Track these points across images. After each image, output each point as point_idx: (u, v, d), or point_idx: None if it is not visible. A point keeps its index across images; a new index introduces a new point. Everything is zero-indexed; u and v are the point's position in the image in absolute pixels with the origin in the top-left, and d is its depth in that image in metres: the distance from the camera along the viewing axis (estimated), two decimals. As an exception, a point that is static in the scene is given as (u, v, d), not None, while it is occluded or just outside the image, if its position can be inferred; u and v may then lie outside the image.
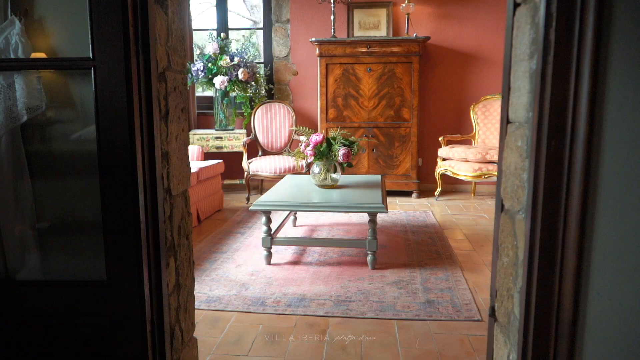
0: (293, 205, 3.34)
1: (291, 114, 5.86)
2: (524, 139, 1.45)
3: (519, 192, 1.50)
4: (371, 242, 3.29)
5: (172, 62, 1.61)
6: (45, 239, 1.64)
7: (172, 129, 1.62)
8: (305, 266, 3.42)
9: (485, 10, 5.74)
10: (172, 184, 1.64)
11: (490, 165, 5.15)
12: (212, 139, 5.71)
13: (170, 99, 1.59)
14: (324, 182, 3.72)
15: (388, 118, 5.60)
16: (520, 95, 1.49)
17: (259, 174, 5.36)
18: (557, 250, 1.36)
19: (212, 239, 4.08)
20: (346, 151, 3.63)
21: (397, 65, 5.49)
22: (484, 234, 4.25)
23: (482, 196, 5.85)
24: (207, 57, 5.56)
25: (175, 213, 1.68)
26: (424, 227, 4.43)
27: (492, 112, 5.62)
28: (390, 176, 5.68)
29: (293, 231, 4.30)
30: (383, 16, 5.88)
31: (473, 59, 5.85)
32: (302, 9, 6.01)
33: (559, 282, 1.38)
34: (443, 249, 3.79)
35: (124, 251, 1.48)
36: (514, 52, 1.58)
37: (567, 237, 1.34)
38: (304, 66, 6.11)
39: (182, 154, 1.72)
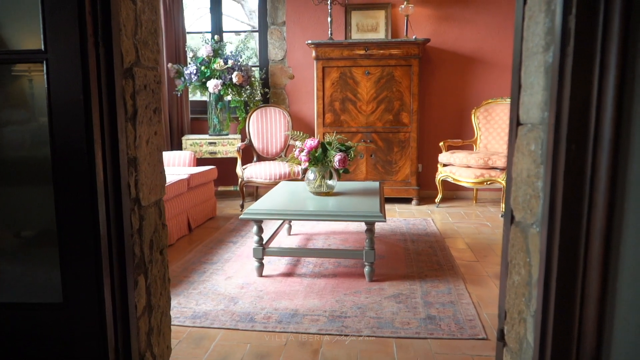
0: (286, 214, 3.17)
1: (287, 118, 5.69)
2: (538, 143, 1.28)
3: (532, 202, 1.33)
4: (368, 252, 3.11)
5: (141, 57, 1.43)
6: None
7: (142, 132, 1.45)
8: (298, 278, 3.24)
9: (487, 12, 5.58)
10: (142, 194, 1.46)
11: (493, 172, 4.97)
12: (206, 145, 5.54)
13: (139, 98, 1.42)
14: (319, 189, 3.55)
15: (387, 122, 5.43)
16: (534, 93, 1.31)
17: (253, 181, 5.19)
18: (578, 270, 1.18)
19: (202, 249, 3.90)
20: (342, 157, 3.45)
21: (396, 68, 5.33)
22: (487, 243, 4.07)
23: (484, 203, 5.67)
24: (201, 60, 5.39)
25: (146, 225, 1.50)
26: (424, 236, 4.24)
27: (494, 117, 5.45)
28: (389, 182, 5.50)
29: (287, 240, 4.12)
30: (381, 18, 5.72)
31: (474, 62, 5.68)
32: (298, 11, 5.86)
33: (580, 307, 1.20)
34: (444, 260, 3.60)
35: (83, 269, 1.30)
36: (525, 45, 1.41)
37: (590, 255, 1.16)
38: (301, 69, 5.94)
39: (155, 159, 1.55)
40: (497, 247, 3.95)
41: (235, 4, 9.72)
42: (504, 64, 5.63)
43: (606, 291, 1.15)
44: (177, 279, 3.22)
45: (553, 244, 1.20)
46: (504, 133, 5.34)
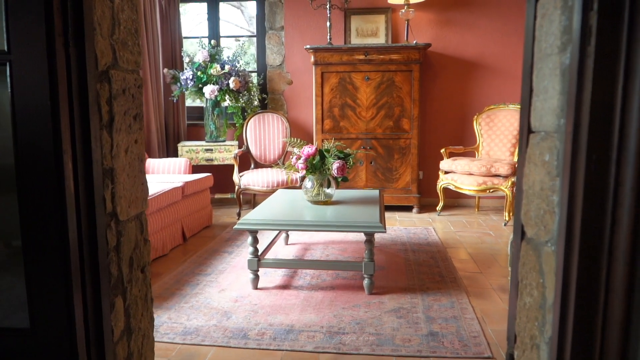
0: (282, 224, 3.04)
1: (285, 124, 5.58)
2: (553, 152, 1.16)
3: (546, 218, 1.21)
4: (368, 264, 2.98)
5: (119, 59, 1.32)
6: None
7: (120, 140, 1.33)
8: (295, 291, 3.11)
9: (489, 17, 5.48)
10: (120, 207, 1.34)
11: (496, 179, 4.85)
12: (202, 151, 5.42)
13: (116, 103, 1.30)
14: (316, 197, 3.43)
15: (387, 129, 5.31)
16: (548, 98, 1.20)
17: (250, 188, 5.07)
18: (599, 295, 1.06)
19: (196, 259, 3.78)
20: (341, 164, 3.33)
21: (397, 74, 5.22)
22: (490, 254, 3.94)
23: (486, 211, 5.55)
24: (197, 66, 5.29)
25: (124, 242, 1.38)
26: (426, 246, 4.12)
27: (496, 123, 5.33)
28: (389, 190, 5.38)
29: (284, 250, 4.00)
30: (381, 23, 5.62)
31: (476, 67, 5.58)
32: (296, 16, 5.76)
33: (602, 335, 1.08)
34: (446, 271, 3.48)
35: (51, 291, 1.18)
36: (537, 45, 1.29)
37: (613, 277, 1.04)
38: (299, 75, 5.84)
39: (135, 170, 1.43)
40: (501, 258, 3.82)
41: (234, 9, 9.63)
42: (507, 69, 5.52)
43: (630, 319, 1.03)
44: (169, 292, 3.09)
45: (571, 265, 1.08)
46: (507, 140, 5.22)
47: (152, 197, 3.59)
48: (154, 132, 5.26)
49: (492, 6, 5.46)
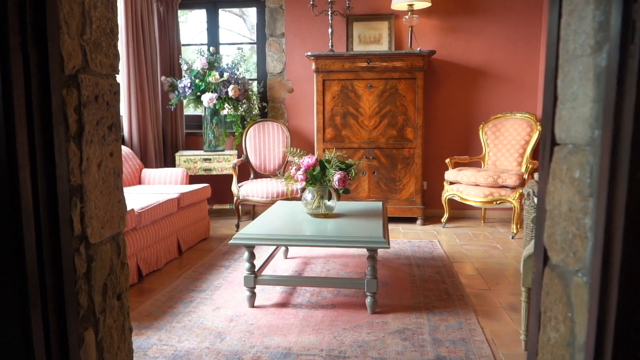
0: (280, 239, 2.88)
1: (286, 133, 5.43)
2: (585, 168, 1.00)
3: (576, 244, 1.05)
4: (370, 282, 2.82)
5: (91, 62, 1.17)
6: None
7: (91, 153, 1.18)
8: (294, 309, 2.95)
9: (495, 23, 5.34)
10: (92, 229, 1.19)
11: (503, 190, 4.69)
12: (200, 161, 5.28)
13: (86, 111, 1.15)
14: (317, 210, 3.27)
15: (390, 138, 5.16)
16: (577, 105, 1.04)
17: (249, 199, 4.92)
18: (643, 338, 0.91)
19: (191, 274, 3.62)
20: (342, 176, 3.18)
21: (400, 82, 5.08)
22: (499, 269, 3.77)
23: (492, 223, 5.39)
24: (195, 73, 5.16)
25: (96, 267, 1.23)
26: (431, 260, 3.96)
27: (503, 132, 5.18)
28: (392, 201, 5.22)
29: (283, 264, 3.83)
30: (384, 29, 5.48)
31: (482, 75, 5.43)
32: (297, 22, 5.63)
33: (645, 384, 0.92)
34: (453, 288, 3.31)
35: (7, 327, 1.02)
36: (563, 46, 1.14)
37: (660, 318, 0.89)
38: (300, 83, 5.70)
39: (110, 186, 1.28)
40: (510, 274, 3.65)
41: (237, 18, 9.53)
42: (514, 77, 5.37)
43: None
44: (160, 310, 2.93)
45: (608, 301, 0.92)
46: (514, 150, 5.06)
47: (146, 210, 3.44)
48: (151, 141, 5.12)
49: (499, 12, 5.33)
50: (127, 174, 4.49)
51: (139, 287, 3.37)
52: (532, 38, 5.31)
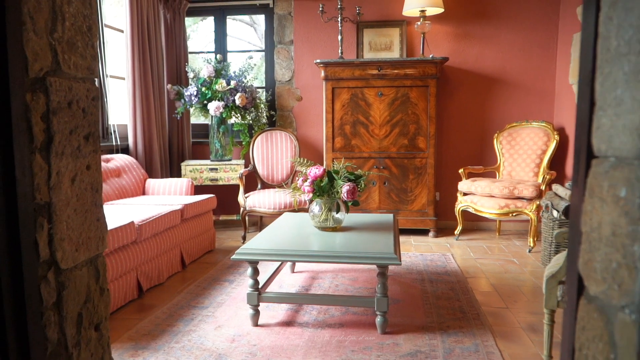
0: (285, 254, 2.73)
1: (294, 143, 5.30)
2: (634, 186, 0.85)
3: (621, 274, 0.89)
4: (381, 300, 2.66)
5: (63, 64, 1.04)
6: None
7: (62, 167, 1.04)
8: (299, 328, 2.79)
9: (510, 29, 5.18)
10: (63, 253, 1.05)
11: (519, 202, 4.51)
12: (207, 171, 5.15)
13: (56, 119, 1.02)
14: (324, 223, 3.12)
15: (402, 147, 5.01)
16: (623, 112, 0.89)
17: (256, 210, 4.78)
18: None
19: (194, 289, 3.48)
20: (351, 187, 3.03)
21: (412, 89, 4.93)
22: (516, 285, 3.59)
23: (508, 235, 5.19)
24: (202, 81, 5.05)
25: (69, 296, 1.08)
26: (444, 275, 3.78)
27: (518, 142, 5.00)
28: (404, 212, 5.06)
29: (290, 279, 3.68)
30: (396, 36, 5.34)
31: (496, 83, 5.27)
32: (306, 29, 5.51)
33: None
34: (468, 306, 3.14)
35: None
36: (602, 44, 0.98)
37: None
38: (309, 91, 5.57)
39: (87, 203, 1.14)
40: (528, 290, 3.47)
41: (247, 27, 9.46)
42: (529, 85, 5.20)
43: None
44: (159, 329, 2.79)
45: (666, 347, 0.76)
46: (530, 160, 4.88)
47: (147, 222, 3.31)
48: (156, 150, 5.01)
49: (513, 18, 5.17)
50: (130, 185, 4.37)
51: (138, 302, 3.23)
52: (549, 44, 5.14)
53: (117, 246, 2.96)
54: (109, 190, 4.11)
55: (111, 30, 5.02)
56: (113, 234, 2.91)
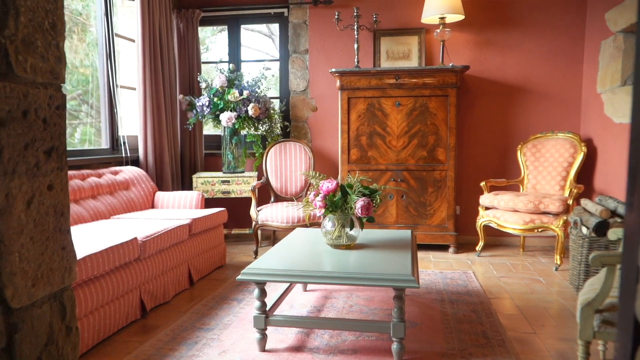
0: (294, 275, 2.54)
1: (309, 154, 5.13)
2: None
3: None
4: (397, 326, 2.46)
5: (16, 66, 0.88)
6: None
7: (14, 188, 0.88)
8: (309, 354, 2.60)
9: (534, 36, 4.97)
10: (14, 289, 0.88)
11: (545, 217, 4.27)
12: (218, 183, 5.00)
13: (5, 132, 0.86)
14: (337, 241, 2.94)
15: (420, 159, 4.80)
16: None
17: (268, 224, 4.61)
18: None
19: (200, 309, 3.31)
20: (366, 203, 2.84)
21: (431, 99, 4.73)
22: (543, 307, 3.35)
23: (532, 252, 4.94)
24: (214, 91, 4.92)
25: (24, 339, 0.92)
26: (466, 295, 3.56)
27: (544, 153, 4.76)
28: (422, 227, 4.84)
29: (302, 298, 3.49)
30: (414, 44, 5.16)
31: (520, 92, 5.04)
32: (322, 38, 5.36)
33: None
34: (492, 330, 2.91)
35: None
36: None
37: None
38: (324, 101, 5.41)
39: (49, 229, 0.97)
40: (556, 313, 3.23)
41: (265, 38, 9.37)
42: (554, 94, 4.97)
43: None
44: (160, 353, 2.62)
45: None
46: (556, 172, 4.64)
47: (151, 238, 3.16)
48: (167, 162, 4.88)
49: (537, 25, 4.95)
50: (139, 197, 4.24)
51: (142, 323, 3.07)
52: (575, 51, 4.91)
53: (118, 264, 2.81)
54: (116, 204, 3.98)
55: (123, 40, 4.93)
56: (114, 251, 2.77)
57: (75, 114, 5.53)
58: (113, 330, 2.83)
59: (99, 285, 2.66)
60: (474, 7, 5.02)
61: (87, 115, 5.06)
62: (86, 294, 2.55)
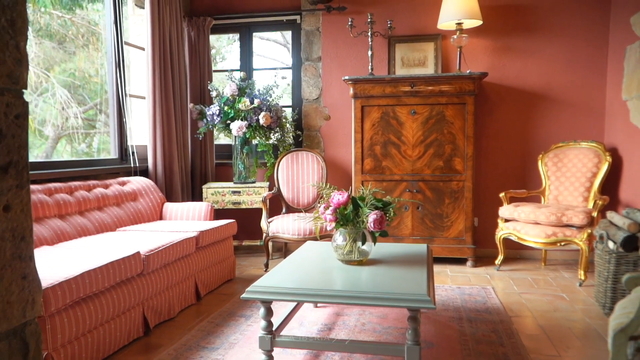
0: (302, 293, 2.40)
1: (321, 164, 4.99)
2: None
3: None
4: (412, 349, 2.29)
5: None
6: None
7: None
8: (319, 378, 2.45)
9: (555, 42, 4.79)
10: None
11: (568, 230, 4.07)
12: (229, 194, 4.89)
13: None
14: (349, 256, 2.79)
15: (436, 169, 4.64)
16: None
17: (279, 236, 4.47)
18: None
19: (206, 326, 3.17)
20: (378, 216, 2.69)
21: (448, 107, 4.57)
22: (567, 327, 3.16)
23: (554, 265, 4.73)
24: (225, 100, 4.81)
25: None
26: (485, 313, 3.38)
27: (566, 163, 4.56)
28: (439, 239, 4.67)
29: (312, 315, 3.34)
30: (430, 51, 5.01)
31: (540, 99, 4.86)
32: (335, 45, 5.24)
33: None
34: (514, 353, 2.73)
35: None
36: None
37: None
38: (337, 109, 5.28)
39: (5, 257, 0.85)
40: (581, 333, 3.04)
41: (280, 47, 9.30)
42: (577, 101, 4.77)
43: None
44: (161, 375, 2.49)
45: None
46: (579, 183, 4.44)
47: (155, 252, 3.04)
48: (176, 172, 4.78)
49: (558, 30, 4.77)
50: (146, 209, 4.14)
51: (144, 341, 2.95)
52: (598, 57, 4.72)
53: (119, 280, 2.69)
54: (123, 215, 3.88)
55: (133, 48, 4.86)
56: (115, 267, 2.65)
57: (92, 124, 5.48)
58: (114, 349, 2.71)
59: (98, 302, 2.54)
60: (492, 12, 4.86)
61: (104, 125, 5.01)
62: (84, 312, 2.44)
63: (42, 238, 3.06)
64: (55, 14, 5.04)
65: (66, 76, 5.18)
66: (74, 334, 2.37)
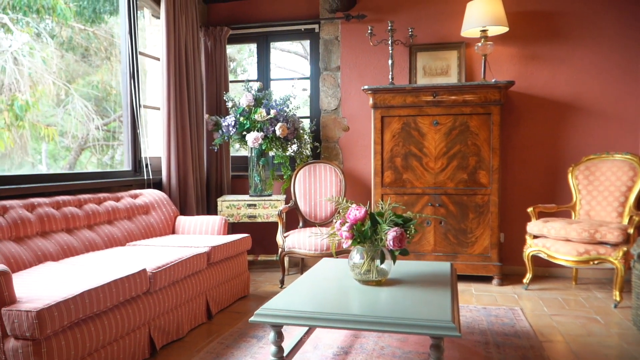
0: (314, 317, 2.22)
1: (340, 176, 4.82)
2: None
3: None
4: (434, 381, 2.10)
5: None
6: None
7: None
8: (333, 409, 2.26)
9: (585, 49, 4.56)
10: None
11: (602, 248, 3.82)
12: (244, 207, 4.75)
13: None
14: (366, 276, 2.60)
15: (460, 183, 4.43)
16: None
17: (295, 251, 4.30)
18: None
19: (216, 347, 3.01)
20: (398, 233, 2.50)
21: (472, 117, 4.37)
22: (603, 353, 2.91)
23: (586, 284, 4.46)
24: (241, 111, 4.69)
25: None
26: (513, 337, 3.15)
27: (598, 176, 4.32)
28: (463, 256, 4.44)
29: (328, 337, 3.15)
30: (453, 60, 4.83)
31: (570, 109, 4.62)
32: (354, 54, 5.09)
33: None
34: (546, 384, 2.50)
35: None
36: None
37: None
38: (356, 120, 5.12)
39: None
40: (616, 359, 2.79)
41: (301, 59, 9.20)
42: (610, 111, 4.53)
43: None
44: (164, 402, 2.33)
45: None
46: (613, 198, 4.19)
47: (163, 269, 2.90)
48: (191, 185, 4.66)
49: (588, 37, 4.55)
50: (159, 222, 4.02)
51: (150, 363, 2.80)
52: (632, 65, 4.47)
53: (123, 299, 2.55)
54: (134, 229, 3.76)
55: (149, 59, 4.78)
56: (119, 285, 2.51)
57: (115, 135, 5.41)
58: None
59: (100, 323, 2.40)
60: (519, 18, 4.66)
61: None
62: (84, 334, 2.29)
63: (47, 253, 2.95)
64: (78, 27, 5.00)
65: (90, 89, 5.14)
66: (73, 358, 2.22)
